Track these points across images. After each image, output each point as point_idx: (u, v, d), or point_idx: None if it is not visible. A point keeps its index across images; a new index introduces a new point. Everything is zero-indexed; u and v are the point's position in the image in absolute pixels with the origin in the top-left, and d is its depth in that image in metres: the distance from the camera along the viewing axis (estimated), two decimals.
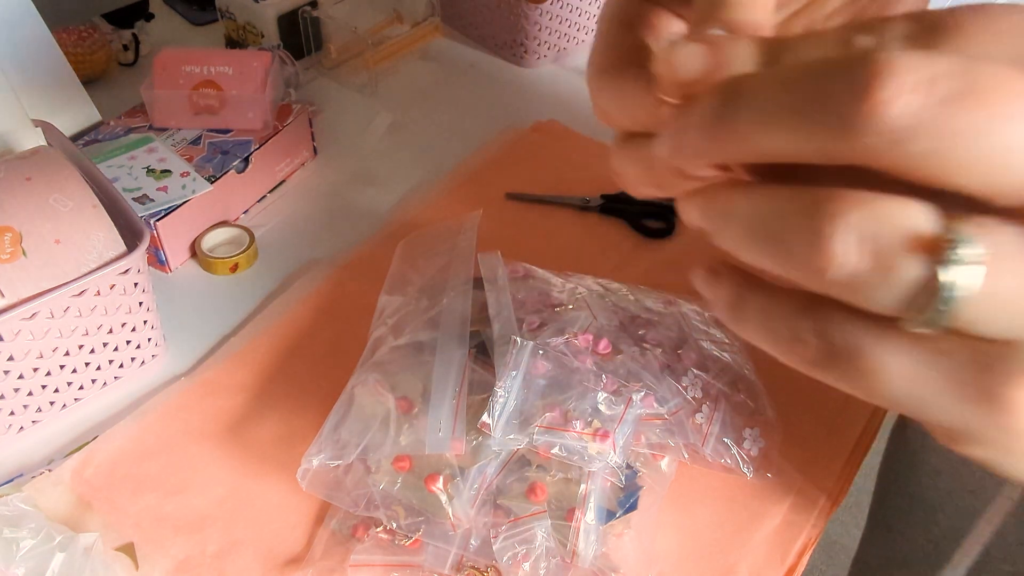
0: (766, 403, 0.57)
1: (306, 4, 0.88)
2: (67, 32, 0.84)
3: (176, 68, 0.76)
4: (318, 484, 0.53)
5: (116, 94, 0.86)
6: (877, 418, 0.61)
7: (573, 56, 0.97)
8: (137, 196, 0.68)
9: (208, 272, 0.71)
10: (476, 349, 0.55)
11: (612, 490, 0.51)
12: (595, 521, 0.50)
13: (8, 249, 0.53)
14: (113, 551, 0.52)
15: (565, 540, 0.49)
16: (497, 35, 0.96)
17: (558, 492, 0.51)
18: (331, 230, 0.75)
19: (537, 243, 0.73)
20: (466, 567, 0.50)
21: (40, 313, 0.54)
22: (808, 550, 0.54)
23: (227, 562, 0.52)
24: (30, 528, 0.50)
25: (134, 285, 0.58)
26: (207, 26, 1.00)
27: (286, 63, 0.84)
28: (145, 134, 0.75)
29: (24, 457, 0.58)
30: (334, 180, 0.81)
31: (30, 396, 0.57)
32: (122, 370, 0.62)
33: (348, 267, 0.71)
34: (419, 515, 0.50)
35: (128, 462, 0.57)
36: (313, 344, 0.65)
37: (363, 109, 0.89)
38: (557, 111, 0.88)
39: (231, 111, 0.76)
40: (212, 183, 0.70)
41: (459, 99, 0.91)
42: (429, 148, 0.84)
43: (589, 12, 0.96)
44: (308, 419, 0.58)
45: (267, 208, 0.77)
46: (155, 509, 0.55)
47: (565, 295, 0.59)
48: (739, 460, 0.54)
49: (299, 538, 0.53)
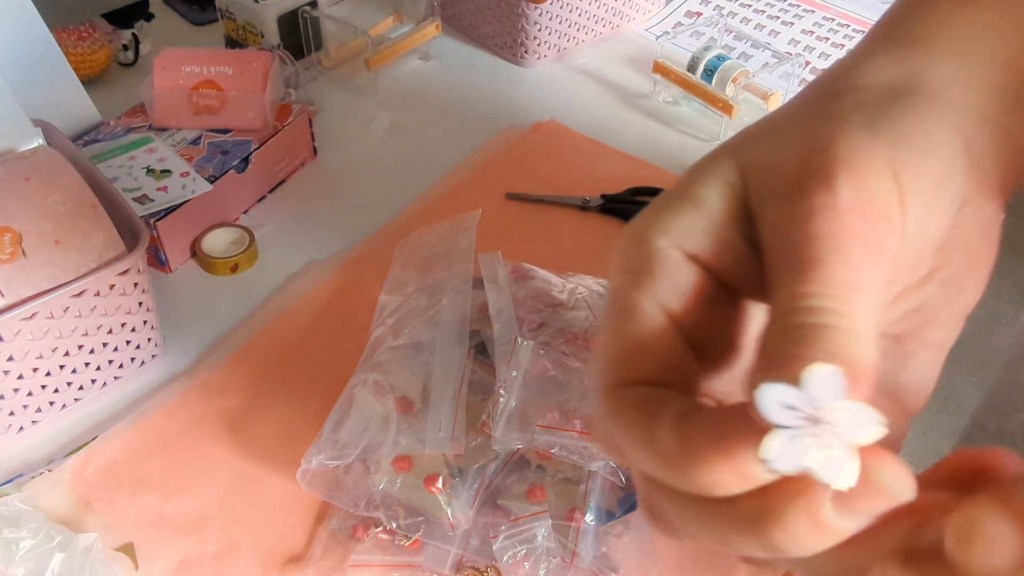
0: None
1: (306, 4, 0.88)
2: (67, 32, 0.84)
3: (176, 68, 0.76)
4: (318, 484, 0.53)
5: (116, 94, 0.86)
6: None
7: (573, 56, 0.97)
8: (137, 196, 0.68)
9: (208, 272, 0.71)
10: (475, 349, 0.55)
11: (612, 490, 0.51)
12: (595, 521, 0.50)
13: (8, 249, 0.53)
14: (113, 551, 0.52)
15: (565, 540, 0.49)
16: (497, 35, 0.96)
17: (558, 492, 0.51)
18: (331, 230, 0.75)
19: (537, 243, 0.73)
20: (466, 567, 0.50)
21: (40, 313, 0.54)
22: None
23: (227, 562, 0.52)
24: (30, 528, 0.50)
25: (134, 285, 0.58)
26: (207, 26, 1.00)
27: (286, 63, 0.84)
28: (145, 134, 0.75)
29: (24, 457, 0.58)
30: (334, 180, 0.81)
31: (30, 396, 0.57)
32: (122, 370, 0.62)
33: (348, 267, 0.71)
34: (419, 515, 0.50)
35: (128, 462, 0.57)
36: (313, 344, 0.65)
37: (363, 109, 0.89)
38: (557, 111, 0.88)
39: (231, 111, 0.76)
40: (212, 183, 0.70)
41: (459, 99, 0.91)
42: (429, 148, 0.84)
43: (589, 12, 0.96)
44: (308, 419, 0.58)
45: (267, 208, 0.77)
46: (155, 509, 0.55)
47: (565, 295, 0.59)
48: None
49: (299, 538, 0.53)
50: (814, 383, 0.18)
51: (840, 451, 0.17)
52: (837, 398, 0.18)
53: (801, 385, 0.18)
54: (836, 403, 0.18)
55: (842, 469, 0.18)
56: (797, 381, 0.18)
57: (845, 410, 0.18)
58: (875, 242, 0.22)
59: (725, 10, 1.04)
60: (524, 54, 0.95)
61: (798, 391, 0.18)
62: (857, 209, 0.22)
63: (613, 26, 1.00)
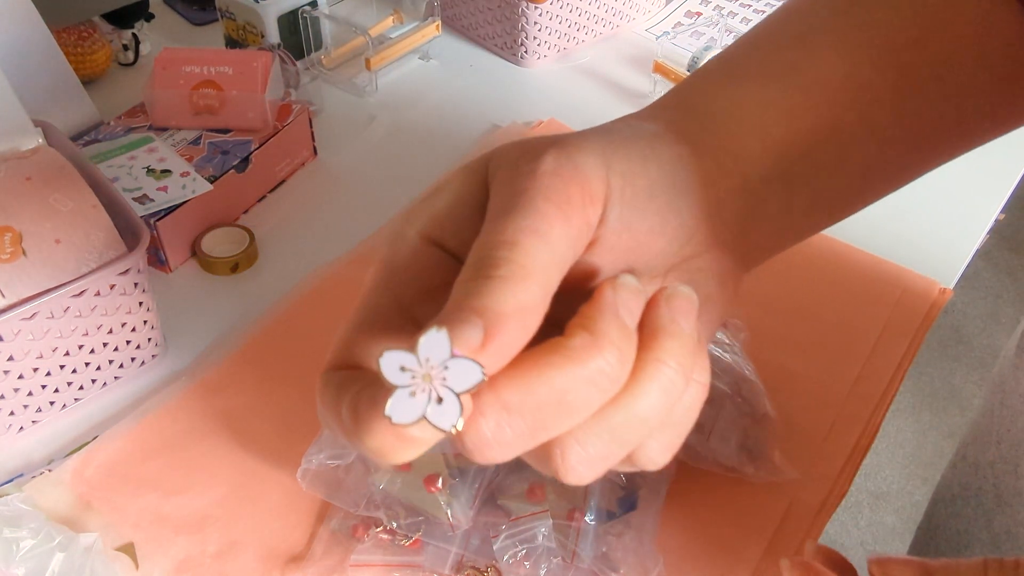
0: (767, 403, 0.57)
1: (306, 4, 0.88)
2: (67, 32, 0.84)
3: (176, 68, 0.76)
4: (318, 484, 0.53)
5: (116, 94, 0.86)
6: (877, 418, 0.61)
7: (573, 56, 0.97)
8: (137, 196, 0.68)
9: (208, 272, 0.71)
10: None
11: (612, 490, 0.51)
12: (595, 521, 0.50)
13: (8, 249, 0.53)
14: (113, 551, 0.52)
15: (565, 540, 0.49)
16: (497, 35, 0.96)
17: (558, 492, 0.51)
18: (331, 230, 0.75)
19: None
20: (466, 567, 0.50)
21: (40, 313, 0.54)
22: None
23: (227, 562, 0.52)
24: (30, 528, 0.50)
25: (134, 285, 0.58)
26: (207, 26, 1.00)
27: (286, 63, 0.84)
28: (145, 134, 0.75)
29: (24, 457, 0.58)
30: (334, 180, 0.81)
31: (30, 396, 0.57)
32: (122, 370, 0.62)
33: (348, 267, 0.71)
34: (419, 515, 0.50)
35: (128, 462, 0.57)
36: (313, 344, 0.65)
37: (363, 109, 0.89)
38: (557, 111, 0.88)
39: (231, 111, 0.76)
40: (212, 183, 0.70)
41: (459, 99, 0.91)
42: (429, 148, 0.84)
43: (589, 12, 0.96)
44: (308, 419, 0.58)
45: (267, 208, 0.77)
46: (155, 509, 0.55)
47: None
48: (740, 460, 0.55)
49: (299, 538, 0.53)
50: (425, 346, 0.21)
51: (449, 399, 0.21)
52: (445, 356, 0.21)
53: (416, 350, 0.21)
54: (446, 360, 0.21)
55: (447, 414, 0.21)
56: (413, 348, 0.21)
57: (452, 365, 0.21)
58: (566, 201, 0.25)
59: (725, 10, 1.04)
60: (524, 54, 0.95)
61: (411, 354, 0.21)
62: (556, 174, 0.25)
63: (613, 26, 1.00)
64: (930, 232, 0.76)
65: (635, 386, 0.24)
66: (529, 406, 0.22)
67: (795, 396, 0.60)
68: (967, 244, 0.76)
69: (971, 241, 0.76)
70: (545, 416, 0.23)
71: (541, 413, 0.23)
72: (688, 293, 0.26)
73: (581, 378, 0.23)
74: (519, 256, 0.23)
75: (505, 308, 0.22)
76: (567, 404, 0.23)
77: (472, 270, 0.24)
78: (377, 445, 0.22)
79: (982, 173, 0.82)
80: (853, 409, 0.61)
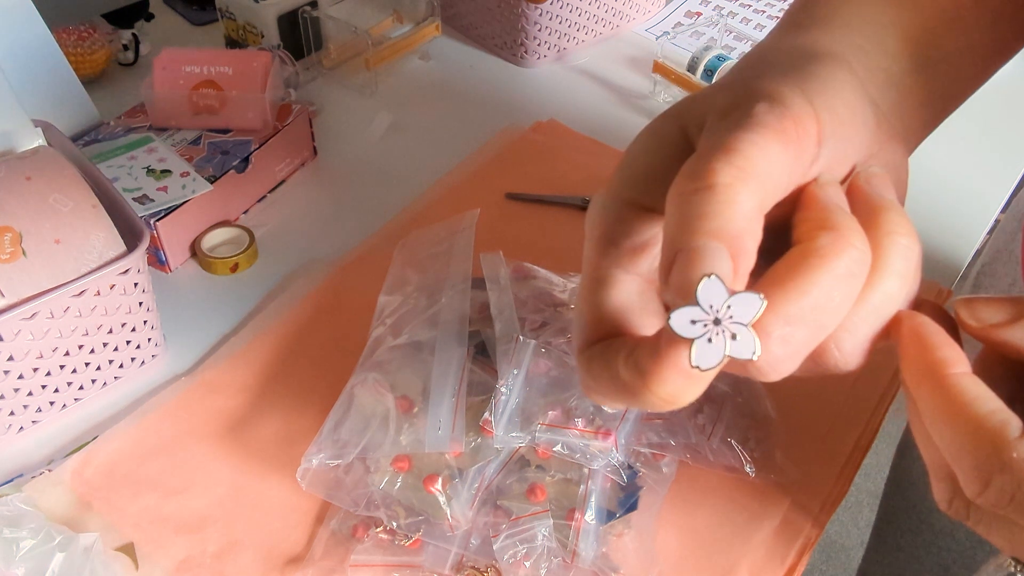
0: (767, 403, 0.57)
1: (306, 4, 0.88)
2: (67, 32, 0.84)
3: (176, 68, 0.76)
4: (318, 484, 0.53)
5: (116, 94, 0.86)
6: (877, 418, 0.61)
7: (573, 56, 0.97)
8: (137, 196, 0.68)
9: (208, 272, 0.71)
10: (475, 349, 0.55)
11: (612, 490, 0.51)
12: (595, 521, 0.50)
13: (8, 249, 0.53)
14: (113, 551, 0.52)
15: (565, 540, 0.49)
16: (497, 35, 0.96)
17: (558, 492, 0.51)
18: (331, 230, 0.75)
19: (537, 243, 0.73)
20: (466, 567, 0.50)
21: (40, 313, 0.54)
22: (808, 550, 0.54)
23: (227, 562, 0.52)
24: (30, 528, 0.50)
25: (134, 285, 0.58)
26: (207, 26, 1.00)
27: (286, 63, 0.84)
28: (145, 134, 0.75)
29: (24, 457, 0.58)
30: (334, 180, 0.81)
31: (30, 396, 0.57)
32: (122, 370, 0.62)
33: (348, 267, 0.71)
34: (419, 515, 0.50)
35: (128, 462, 0.57)
36: (313, 344, 0.65)
37: (363, 109, 0.89)
38: (557, 111, 0.88)
39: (231, 111, 0.76)
40: (212, 183, 0.70)
41: (459, 99, 0.91)
42: (429, 148, 0.84)
43: (589, 12, 0.96)
44: (308, 419, 0.58)
45: (267, 208, 0.77)
46: (155, 509, 0.55)
47: (567, 295, 0.59)
48: (741, 460, 0.54)
49: (299, 538, 0.53)
50: (704, 295, 0.22)
51: (742, 333, 0.23)
52: (724, 297, 0.22)
53: (698, 301, 0.23)
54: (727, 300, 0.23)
55: (746, 345, 0.23)
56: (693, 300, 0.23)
57: (734, 303, 0.23)
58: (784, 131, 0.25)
59: (725, 10, 1.04)
60: (524, 54, 0.95)
61: (695, 307, 0.23)
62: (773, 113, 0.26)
63: (613, 26, 1.00)
64: (930, 232, 0.76)
65: (880, 263, 0.26)
66: (807, 313, 0.24)
67: (795, 396, 0.60)
68: (967, 244, 0.76)
69: (971, 241, 0.76)
70: (821, 317, 0.24)
71: (816, 315, 0.24)
72: (879, 170, 0.28)
73: (842, 272, 0.24)
74: (739, 160, 0.24)
75: (735, 226, 0.23)
76: (835, 300, 0.24)
77: (688, 180, 0.24)
78: (669, 391, 0.24)
79: (982, 173, 0.82)
80: (853, 409, 0.61)
